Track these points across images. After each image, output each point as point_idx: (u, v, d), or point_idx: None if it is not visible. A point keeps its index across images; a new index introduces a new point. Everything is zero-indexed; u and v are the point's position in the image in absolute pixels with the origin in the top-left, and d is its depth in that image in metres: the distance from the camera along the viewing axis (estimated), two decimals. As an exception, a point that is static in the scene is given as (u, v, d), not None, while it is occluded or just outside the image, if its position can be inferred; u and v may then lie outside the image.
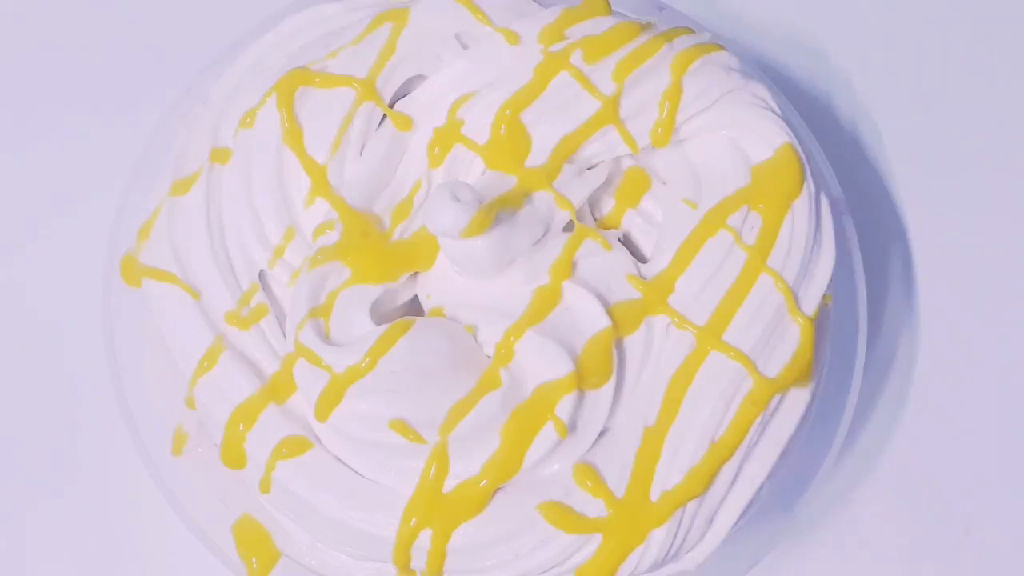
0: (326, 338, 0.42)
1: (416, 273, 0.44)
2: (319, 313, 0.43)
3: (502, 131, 0.44)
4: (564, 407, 0.41)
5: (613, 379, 0.42)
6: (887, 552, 0.50)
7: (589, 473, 0.42)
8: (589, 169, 0.45)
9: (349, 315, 0.43)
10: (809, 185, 0.44)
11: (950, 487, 0.51)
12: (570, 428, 0.41)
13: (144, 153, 0.48)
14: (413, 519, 0.41)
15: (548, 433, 0.41)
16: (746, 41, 0.54)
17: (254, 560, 0.44)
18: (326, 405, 0.41)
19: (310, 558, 0.43)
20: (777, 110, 0.44)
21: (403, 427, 0.41)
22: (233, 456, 0.43)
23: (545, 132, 0.44)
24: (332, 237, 0.43)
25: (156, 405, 0.46)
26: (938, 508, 0.51)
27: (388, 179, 0.45)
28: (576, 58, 0.44)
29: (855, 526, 0.51)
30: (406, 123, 0.45)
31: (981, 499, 0.51)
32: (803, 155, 0.44)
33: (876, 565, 0.50)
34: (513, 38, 0.45)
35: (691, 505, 0.41)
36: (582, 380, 0.42)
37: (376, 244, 0.44)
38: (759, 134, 0.44)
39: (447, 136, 0.45)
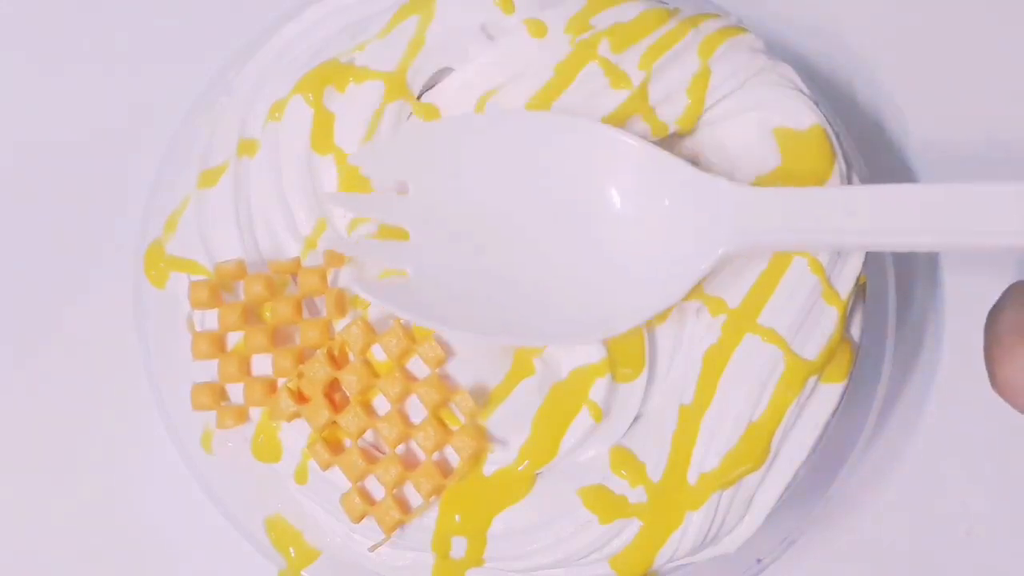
0: (365, 327, 0.42)
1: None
2: (358, 304, 0.43)
3: None
4: (597, 391, 0.42)
5: (645, 366, 0.42)
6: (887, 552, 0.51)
7: (626, 457, 0.42)
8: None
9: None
10: (840, 164, 0.44)
11: (950, 486, 0.51)
12: (604, 412, 0.42)
13: (171, 146, 0.48)
14: (453, 504, 0.41)
15: (583, 418, 0.42)
16: (768, 28, 0.54)
17: (291, 550, 0.44)
18: (367, 391, 0.42)
19: (346, 549, 0.43)
20: (805, 90, 0.45)
21: (443, 412, 0.41)
22: (267, 449, 0.43)
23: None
24: (369, 228, 0.44)
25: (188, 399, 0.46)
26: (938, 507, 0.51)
27: (418, 171, 0.45)
28: (603, 48, 0.44)
29: (858, 524, 0.51)
30: (434, 117, 0.45)
31: (982, 498, 0.51)
32: (833, 134, 0.44)
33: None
34: (539, 29, 0.45)
35: (729, 488, 0.41)
36: (615, 366, 0.42)
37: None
38: (788, 114, 0.44)
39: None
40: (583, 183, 0.42)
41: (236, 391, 0.43)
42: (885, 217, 0.38)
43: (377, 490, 0.42)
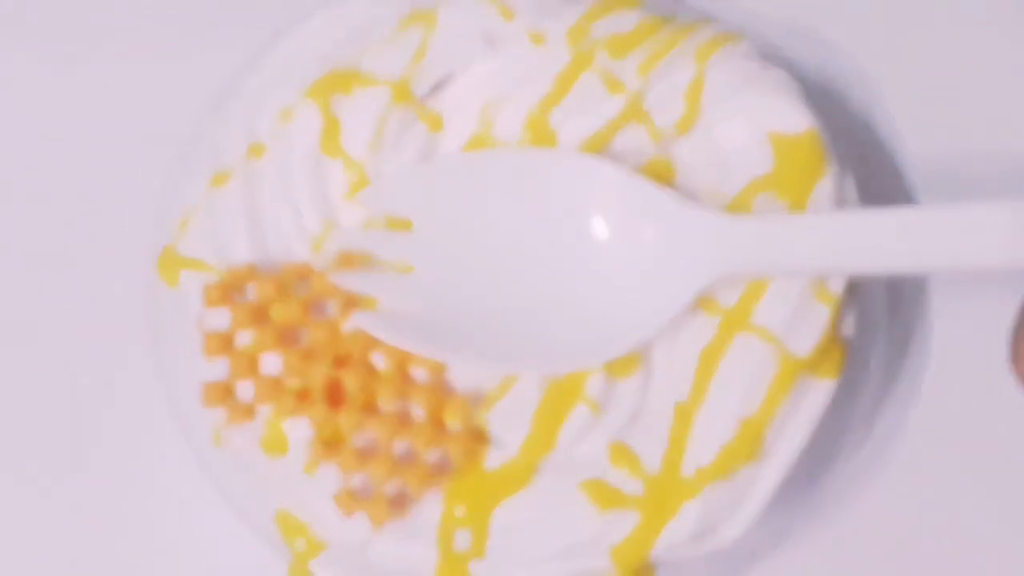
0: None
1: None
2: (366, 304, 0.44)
3: (526, 136, 0.45)
4: (594, 388, 0.43)
5: (642, 365, 0.44)
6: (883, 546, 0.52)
7: (624, 453, 0.43)
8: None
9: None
10: (834, 169, 0.45)
11: (944, 480, 0.52)
12: (602, 409, 0.43)
13: (181, 152, 0.49)
14: (455, 498, 0.42)
15: (581, 411, 0.43)
16: (763, 34, 0.54)
17: (298, 542, 0.45)
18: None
19: (351, 541, 0.44)
20: (799, 95, 0.46)
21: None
22: (275, 443, 0.44)
23: (572, 131, 0.45)
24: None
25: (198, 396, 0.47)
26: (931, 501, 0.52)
27: (423, 175, 0.46)
28: (601, 56, 0.46)
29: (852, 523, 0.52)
30: (437, 124, 0.46)
31: (976, 492, 0.52)
32: (827, 139, 0.45)
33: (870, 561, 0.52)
34: (539, 38, 0.46)
35: (724, 482, 0.43)
36: (611, 364, 0.43)
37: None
38: (782, 119, 0.45)
39: (475, 146, 0.46)
40: (574, 214, 0.43)
41: (244, 388, 0.45)
42: (873, 242, 0.39)
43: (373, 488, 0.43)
